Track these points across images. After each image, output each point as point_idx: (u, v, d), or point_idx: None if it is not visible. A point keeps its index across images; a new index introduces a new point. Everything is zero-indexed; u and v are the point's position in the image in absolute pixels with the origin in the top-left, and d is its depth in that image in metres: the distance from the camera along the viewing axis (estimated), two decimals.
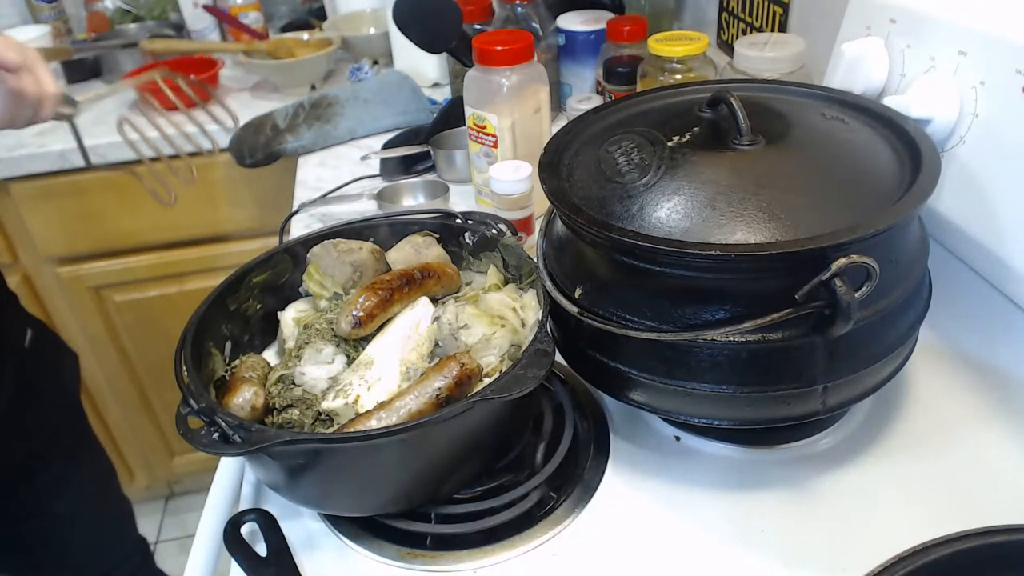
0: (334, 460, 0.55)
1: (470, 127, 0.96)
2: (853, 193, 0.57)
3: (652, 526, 0.59)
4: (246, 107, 1.51)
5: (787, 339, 0.53)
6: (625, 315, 0.57)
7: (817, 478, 0.61)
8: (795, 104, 0.67)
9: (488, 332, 0.62)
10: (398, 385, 0.60)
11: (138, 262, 1.56)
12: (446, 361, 0.58)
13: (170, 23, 1.82)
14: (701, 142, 0.61)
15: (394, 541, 0.59)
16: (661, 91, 0.74)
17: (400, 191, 1.06)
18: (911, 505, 0.58)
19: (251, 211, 1.51)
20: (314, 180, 1.19)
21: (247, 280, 0.69)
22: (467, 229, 0.73)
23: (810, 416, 0.57)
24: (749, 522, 0.58)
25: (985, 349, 0.71)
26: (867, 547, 0.53)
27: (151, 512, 2.01)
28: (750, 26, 1.29)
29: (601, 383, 0.65)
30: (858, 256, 0.49)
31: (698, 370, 0.56)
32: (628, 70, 1.10)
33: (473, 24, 1.25)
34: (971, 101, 0.68)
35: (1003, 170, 0.66)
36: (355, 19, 1.68)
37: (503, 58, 0.90)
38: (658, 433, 0.66)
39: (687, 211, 0.56)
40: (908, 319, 0.59)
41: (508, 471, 0.63)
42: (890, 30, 0.77)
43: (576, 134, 0.68)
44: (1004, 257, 0.68)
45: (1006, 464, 0.60)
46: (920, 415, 0.65)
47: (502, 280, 0.70)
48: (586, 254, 0.61)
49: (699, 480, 0.62)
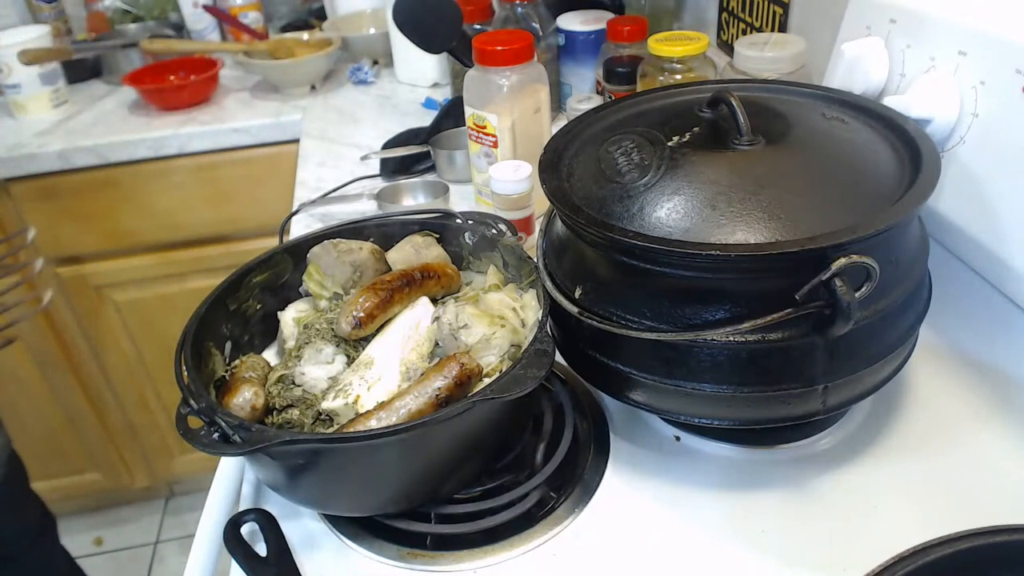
0: (334, 460, 0.55)
1: (470, 127, 0.96)
2: (853, 193, 0.57)
3: (652, 526, 0.59)
4: (246, 107, 1.51)
5: (787, 339, 0.53)
6: (625, 315, 0.57)
7: (817, 478, 0.61)
8: (795, 104, 0.67)
9: (488, 332, 0.62)
10: (398, 385, 0.60)
11: (138, 262, 1.56)
12: (446, 361, 0.58)
13: (170, 23, 1.83)
14: (701, 142, 0.61)
15: (394, 541, 0.59)
16: (661, 91, 0.74)
17: (400, 191, 1.06)
18: (911, 505, 0.58)
19: (251, 211, 1.52)
20: (314, 180, 1.19)
21: (247, 280, 0.69)
22: (467, 229, 0.73)
23: (810, 416, 0.57)
24: (749, 522, 0.58)
25: (985, 349, 0.71)
26: (867, 547, 0.53)
27: (151, 512, 2.01)
28: (750, 26, 1.29)
29: (601, 383, 0.65)
30: (858, 256, 0.49)
31: (698, 370, 0.56)
32: (628, 70, 1.10)
33: (473, 24, 1.25)
34: (971, 101, 0.68)
35: (1003, 170, 0.66)
36: (355, 19, 1.68)
37: (503, 58, 0.90)
38: (658, 433, 0.66)
39: (687, 211, 0.56)
40: (908, 319, 0.59)
41: (508, 471, 0.63)
42: (890, 30, 0.77)
43: (576, 134, 0.68)
44: (1004, 257, 0.68)
45: (1006, 464, 0.60)
46: (920, 415, 0.65)
47: (502, 280, 0.70)
48: (586, 254, 0.61)
49: (699, 480, 0.62)
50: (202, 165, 1.47)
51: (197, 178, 1.48)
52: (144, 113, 1.51)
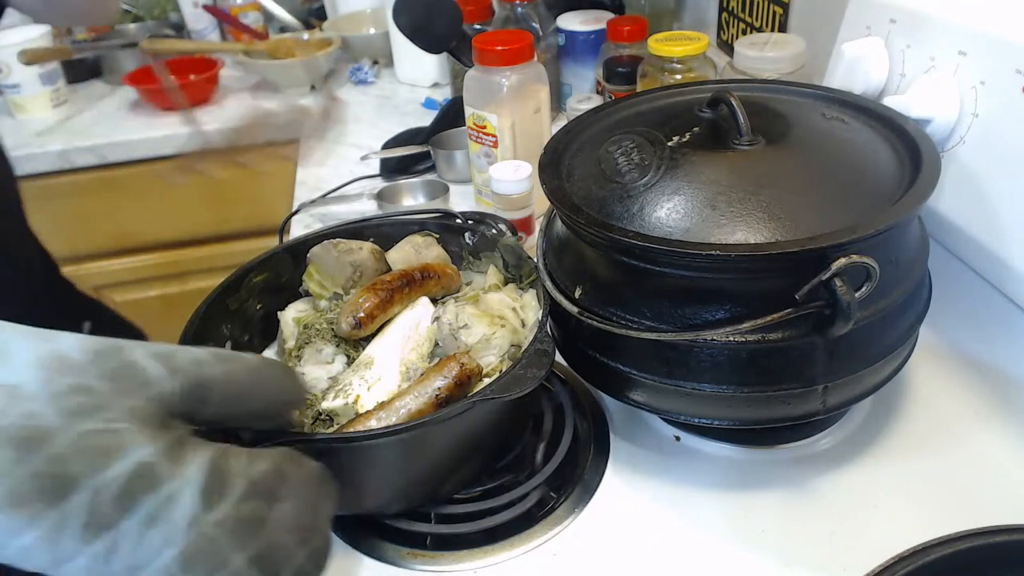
0: (334, 460, 0.54)
1: (470, 127, 0.96)
2: (853, 193, 0.57)
3: (652, 526, 0.59)
4: (246, 107, 1.51)
5: (787, 339, 0.53)
6: (625, 315, 0.57)
7: (817, 478, 0.61)
8: (795, 104, 0.67)
9: (488, 332, 0.62)
10: (398, 385, 0.60)
11: (138, 262, 1.56)
12: (446, 361, 0.58)
13: (170, 23, 1.83)
14: (701, 142, 0.61)
15: (394, 541, 0.59)
16: (661, 91, 0.74)
17: (400, 191, 1.06)
18: (911, 505, 0.58)
19: (251, 211, 1.52)
20: (314, 180, 1.19)
21: (247, 280, 0.69)
22: (467, 229, 0.73)
23: (810, 416, 0.57)
24: (749, 522, 0.58)
25: (985, 349, 0.71)
26: (867, 547, 0.53)
27: None
28: (750, 26, 1.29)
29: (601, 383, 0.65)
30: (858, 256, 0.49)
31: (698, 370, 0.56)
32: (628, 70, 1.10)
33: (473, 24, 1.25)
34: (971, 101, 0.68)
35: (1003, 170, 0.66)
36: (355, 19, 1.68)
37: (503, 58, 0.90)
38: (658, 433, 0.66)
39: (687, 211, 0.56)
40: (908, 319, 0.59)
41: (508, 471, 0.63)
42: (890, 30, 0.77)
43: (576, 134, 0.68)
44: (1004, 257, 0.68)
45: (1006, 464, 0.60)
46: (920, 415, 0.65)
47: (502, 280, 0.70)
48: (586, 254, 0.61)
49: (699, 480, 0.62)
50: None
51: (197, 178, 1.48)
52: (144, 113, 1.51)
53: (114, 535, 0.33)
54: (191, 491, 0.34)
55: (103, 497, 0.33)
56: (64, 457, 0.33)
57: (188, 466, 0.35)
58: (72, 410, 0.33)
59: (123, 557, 0.33)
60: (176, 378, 0.37)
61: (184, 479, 0.34)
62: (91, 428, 0.33)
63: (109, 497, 0.33)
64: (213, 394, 0.38)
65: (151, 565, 0.34)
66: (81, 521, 0.32)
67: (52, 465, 0.32)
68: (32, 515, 0.32)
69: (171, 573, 0.34)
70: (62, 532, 0.32)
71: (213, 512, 0.35)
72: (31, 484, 0.32)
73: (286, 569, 0.37)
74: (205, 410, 0.38)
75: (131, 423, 0.34)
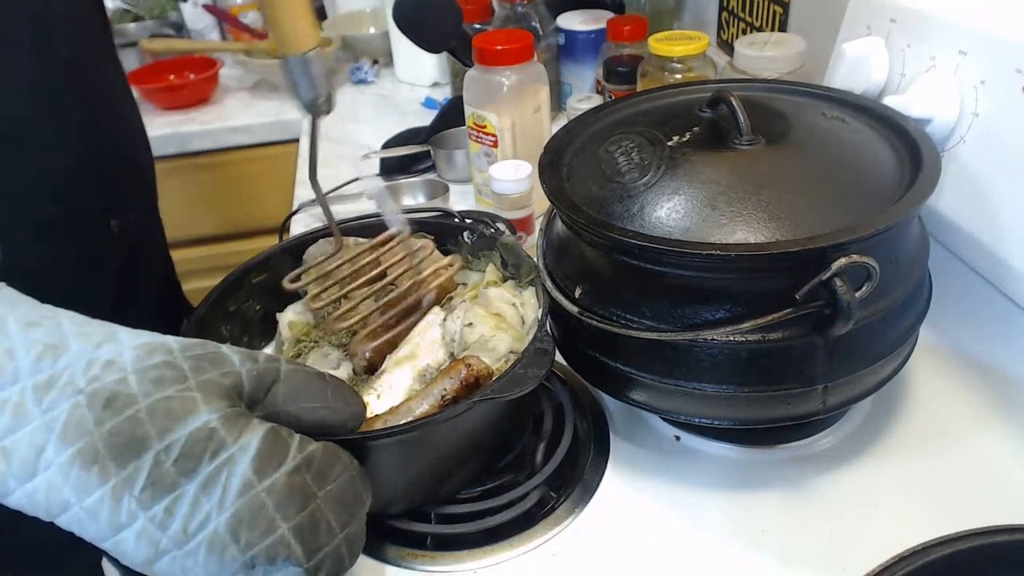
0: None
1: (470, 127, 0.96)
2: (853, 193, 0.57)
3: (652, 526, 0.59)
4: (246, 107, 1.51)
5: (787, 339, 0.53)
6: (625, 315, 0.57)
7: (817, 478, 0.61)
8: (795, 104, 0.67)
9: (488, 333, 0.62)
10: (412, 390, 0.60)
11: None
12: (455, 364, 0.58)
13: (170, 23, 1.82)
14: (701, 142, 0.61)
15: (394, 541, 0.59)
16: (661, 91, 0.74)
17: (400, 191, 1.06)
18: (911, 505, 0.58)
19: (251, 211, 1.51)
20: None
21: (247, 280, 0.69)
22: (466, 228, 0.73)
23: (810, 416, 0.57)
24: (749, 522, 0.58)
25: (985, 349, 0.71)
26: (867, 547, 0.53)
27: None
28: (750, 26, 1.29)
29: (601, 383, 0.65)
30: (858, 256, 0.49)
31: (698, 370, 0.56)
32: (628, 70, 1.10)
33: (473, 24, 1.25)
34: (971, 101, 0.68)
35: (1003, 170, 0.66)
36: (355, 19, 1.68)
37: (503, 58, 0.90)
38: (658, 433, 0.66)
39: (687, 211, 0.56)
40: (908, 319, 0.59)
41: (508, 471, 0.63)
42: (890, 30, 0.77)
43: (576, 134, 0.68)
44: (1004, 257, 0.68)
45: (1006, 464, 0.60)
46: (920, 415, 0.65)
47: (500, 279, 0.70)
48: (586, 254, 0.61)
49: (699, 480, 0.62)
50: (202, 165, 1.47)
51: (197, 178, 1.48)
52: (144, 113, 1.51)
53: (173, 498, 0.36)
54: (247, 458, 0.37)
55: (167, 457, 0.36)
56: (139, 419, 0.36)
57: (247, 434, 0.38)
58: (155, 379, 0.37)
59: (178, 521, 0.36)
60: (250, 362, 0.41)
61: (241, 446, 0.37)
62: (166, 395, 0.37)
63: (173, 458, 0.36)
64: (280, 386, 0.42)
65: (202, 531, 0.36)
66: (145, 481, 0.35)
67: (127, 424, 0.36)
68: (103, 473, 0.35)
69: (220, 539, 0.36)
70: (127, 490, 0.35)
71: (266, 480, 0.37)
72: (106, 442, 0.35)
73: (326, 547, 0.39)
74: (273, 401, 0.41)
75: (201, 392, 0.38)
